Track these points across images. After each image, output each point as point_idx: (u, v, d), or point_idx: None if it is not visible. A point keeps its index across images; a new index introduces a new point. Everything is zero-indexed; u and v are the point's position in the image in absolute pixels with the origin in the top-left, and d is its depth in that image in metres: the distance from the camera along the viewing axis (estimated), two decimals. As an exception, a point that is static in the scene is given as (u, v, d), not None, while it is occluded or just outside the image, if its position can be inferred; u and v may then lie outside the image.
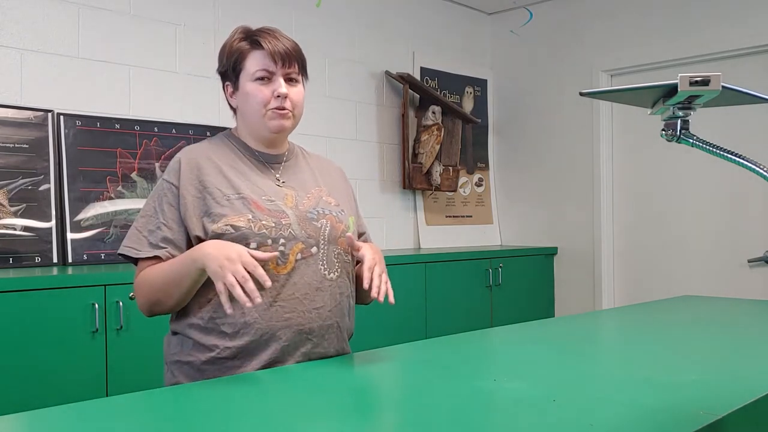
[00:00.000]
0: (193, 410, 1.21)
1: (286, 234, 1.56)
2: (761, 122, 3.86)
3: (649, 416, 1.09)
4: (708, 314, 2.31)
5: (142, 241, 1.57)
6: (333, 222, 1.64)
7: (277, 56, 1.60)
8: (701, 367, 1.47)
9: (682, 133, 1.14)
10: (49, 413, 1.16)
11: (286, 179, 1.68)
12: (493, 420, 1.12)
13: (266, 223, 1.55)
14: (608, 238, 4.47)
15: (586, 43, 4.50)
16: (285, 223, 1.57)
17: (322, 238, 1.61)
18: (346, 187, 1.81)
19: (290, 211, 1.60)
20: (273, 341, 1.53)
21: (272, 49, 1.60)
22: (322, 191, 1.71)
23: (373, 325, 3.45)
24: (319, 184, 1.72)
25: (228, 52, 1.65)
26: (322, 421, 1.12)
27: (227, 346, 1.53)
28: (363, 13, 4.20)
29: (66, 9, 3.02)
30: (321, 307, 1.59)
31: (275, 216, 1.57)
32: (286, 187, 1.66)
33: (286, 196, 1.64)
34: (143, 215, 1.60)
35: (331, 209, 1.67)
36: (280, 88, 1.60)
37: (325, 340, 1.60)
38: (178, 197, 1.58)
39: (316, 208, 1.64)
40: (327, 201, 1.68)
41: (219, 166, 1.62)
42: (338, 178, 1.81)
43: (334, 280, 1.62)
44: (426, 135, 4.42)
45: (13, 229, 2.76)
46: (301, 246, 1.57)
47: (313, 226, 1.61)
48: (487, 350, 1.79)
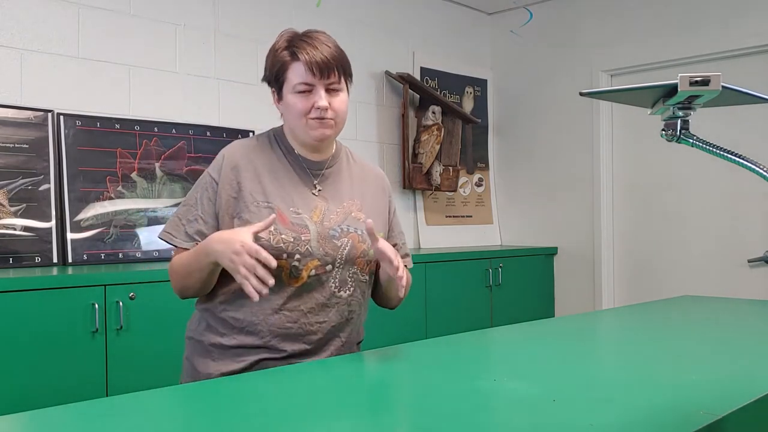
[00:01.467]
0: (193, 410, 1.21)
1: (302, 250, 1.59)
2: (761, 122, 3.86)
3: (649, 416, 1.09)
4: (708, 314, 2.31)
5: (179, 229, 1.64)
6: (355, 241, 1.65)
7: (315, 68, 1.59)
8: (701, 367, 1.47)
9: (682, 133, 1.14)
10: (49, 413, 1.16)
11: (323, 187, 1.69)
12: (493, 420, 1.12)
13: (285, 237, 1.58)
14: (608, 238, 4.47)
15: (586, 43, 4.50)
16: (304, 239, 1.59)
17: (340, 257, 1.63)
18: (382, 199, 1.80)
19: (313, 227, 1.62)
20: (271, 345, 1.59)
21: (310, 59, 1.59)
22: (354, 205, 1.70)
23: (373, 325, 3.45)
24: (353, 196, 1.72)
25: (271, 62, 1.66)
26: (323, 421, 1.12)
27: (233, 337, 1.61)
28: (363, 13, 4.20)
29: (66, 9, 3.02)
30: (324, 322, 1.63)
31: (296, 231, 1.59)
32: (320, 197, 1.67)
33: (315, 209, 1.65)
34: (185, 204, 1.66)
35: (358, 227, 1.67)
36: (320, 101, 1.61)
37: (325, 351, 1.64)
38: (217, 193, 1.63)
39: (342, 225, 1.65)
40: (356, 217, 1.69)
41: (257, 170, 1.64)
42: (376, 188, 1.80)
43: (344, 297, 1.65)
44: (426, 135, 4.42)
45: (13, 229, 2.76)
46: (316, 263, 1.60)
47: (333, 244, 1.62)
48: (487, 350, 1.79)
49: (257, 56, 3.63)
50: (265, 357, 1.60)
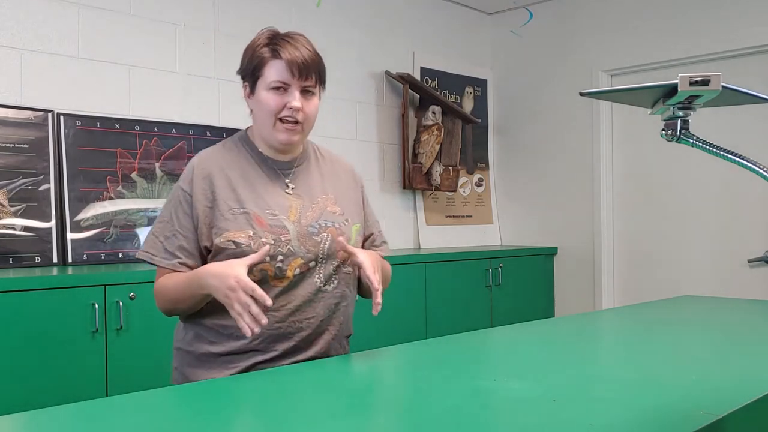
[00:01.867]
0: (193, 410, 1.21)
1: (284, 251, 1.59)
2: (761, 122, 3.86)
3: (649, 416, 1.09)
4: (708, 314, 2.30)
5: (158, 246, 1.62)
6: (334, 235, 1.66)
7: (295, 68, 1.60)
8: (701, 367, 1.47)
9: (682, 133, 1.14)
10: (49, 413, 1.16)
11: (295, 185, 1.69)
12: (493, 420, 1.12)
13: (266, 240, 1.58)
14: (608, 238, 4.47)
15: (586, 43, 4.50)
16: (284, 240, 1.60)
17: (321, 252, 1.64)
18: (354, 190, 1.81)
19: (291, 226, 1.62)
20: (262, 347, 1.59)
21: (290, 59, 1.59)
22: (328, 199, 1.71)
23: (373, 325, 3.45)
24: (326, 191, 1.73)
25: (250, 57, 1.66)
26: (323, 421, 1.12)
27: (222, 344, 1.60)
28: (363, 13, 4.20)
29: (66, 9, 3.02)
30: (312, 318, 1.63)
31: (275, 232, 1.60)
32: (294, 196, 1.67)
33: (291, 208, 1.65)
34: (160, 221, 1.65)
35: (335, 220, 1.68)
36: (294, 101, 1.61)
37: (314, 346, 1.64)
38: (191, 205, 1.61)
39: (319, 220, 1.66)
40: (331, 211, 1.69)
41: (229, 178, 1.64)
42: (347, 181, 1.81)
43: (330, 291, 1.66)
44: (426, 135, 4.42)
45: (13, 229, 2.76)
46: (299, 261, 1.61)
47: (313, 241, 1.63)
48: (487, 350, 1.79)
49: (257, 56, 3.63)
50: (257, 361, 1.59)
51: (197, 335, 1.64)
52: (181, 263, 1.60)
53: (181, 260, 1.60)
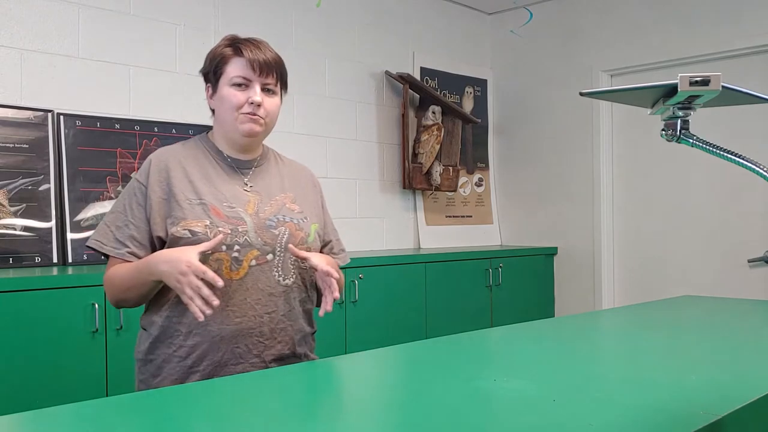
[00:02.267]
0: (193, 410, 1.21)
1: (241, 241, 1.60)
2: (761, 122, 3.86)
3: (649, 416, 1.09)
4: (708, 314, 2.30)
5: (108, 236, 1.65)
6: (293, 229, 1.67)
7: (256, 65, 1.64)
8: (701, 367, 1.47)
9: (682, 133, 1.14)
10: (49, 413, 1.16)
11: (254, 184, 1.71)
12: (493, 420, 1.12)
13: (222, 229, 1.59)
14: (608, 238, 4.47)
15: (586, 43, 4.50)
16: (241, 230, 1.61)
17: (279, 245, 1.65)
18: (314, 194, 1.83)
19: (249, 218, 1.63)
20: (224, 343, 1.60)
21: (252, 57, 1.64)
22: (287, 198, 1.73)
23: (374, 325, 3.45)
24: (285, 190, 1.75)
25: (212, 56, 1.71)
26: (322, 421, 1.12)
27: (182, 345, 1.60)
28: (363, 13, 4.20)
29: (66, 9, 3.02)
30: (273, 312, 1.63)
31: (232, 223, 1.61)
32: (252, 192, 1.69)
33: (249, 202, 1.66)
34: (113, 211, 1.67)
35: (293, 216, 1.70)
36: (255, 96, 1.65)
37: (279, 342, 1.65)
38: (146, 197, 1.63)
39: (277, 215, 1.67)
40: (290, 208, 1.71)
41: (186, 171, 1.66)
42: (307, 185, 1.83)
43: (289, 285, 1.67)
44: (426, 135, 4.42)
45: (13, 229, 2.76)
46: (256, 253, 1.62)
47: (271, 233, 1.64)
48: (487, 350, 1.79)
49: (257, 56, 3.63)
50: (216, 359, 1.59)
51: (158, 340, 1.63)
52: (131, 252, 1.62)
53: (131, 250, 1.62)
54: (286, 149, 3.65)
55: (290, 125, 3.75)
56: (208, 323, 1.58)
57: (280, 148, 1.85)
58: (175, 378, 1.61)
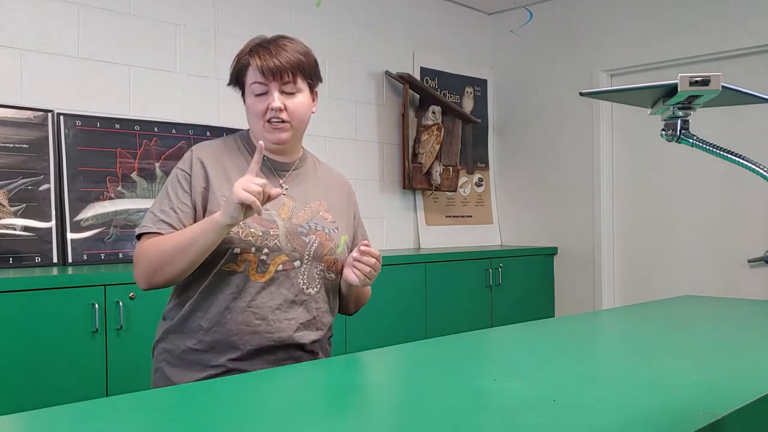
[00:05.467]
0: (193, 410, 1.21)
1: (271, 244, 1.61)
2: (761, 122, 3.86)
3: (649, 416, 1.09)
4: (708, 314, 2.30)
5: (154, 219, 1.63)
6: (323, 239, 1.67)
7: (267, 72, 1.63)
8: (701, 367, 1.47)
9: (682, 133, 1.14)
10: (49, 413, 1.16)
11: (290, 187, 1.71)
12: (493, 420, 1.12)
13: (254, 231, 1.59)
14: (608, 238, 4.47)
15: (586, 43, 4.50)
16: (273, 234, 1.61)
17: (307, 253, 1.65)
18: (347, 204, 1.83)
19: (281, 222, 1.63)
20: (240, 343, 1.60)
21: (261, 64, 1.63)
22: (321, 205, 1.73)
23: (374, 325, 3.45)
24: (320, 197, 1.75)
25: (234, 64, 1.71)
26: (322, 421, 1.12)
27: (202, 339, 1.61)
28: (363, 13, 4.20)
29: (66, 9, 3.02)
30: (293, 319, 1.63)
31: (265, 225, 1.61)
32: (287, 196, 1.69)
33: (284, 206, 1.67)
34: (157, 201, 1.67)
35: (325, 225, 1.70)
36: (274, 102, 1.63)
37: (294, 350, 1.65)
38: (190, 183, 1.65)
39: (310, 222, 1.67)
40: (323, 216, 1.71)
41: (225, 168, 1.66)
42: (342, 194, 1.83)
43: (312, 295, 1.66)
44: (426, 135, 4.42)
45: (13, 229, 2.76)
46: (284, 258, 1.62)
47: (301, 240, 1.64)
48: (487, 350, 1.79)
49: (257, 56, 3.63)
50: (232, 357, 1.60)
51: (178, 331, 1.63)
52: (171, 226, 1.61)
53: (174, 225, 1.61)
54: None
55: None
56: (228, 321, 1.59)
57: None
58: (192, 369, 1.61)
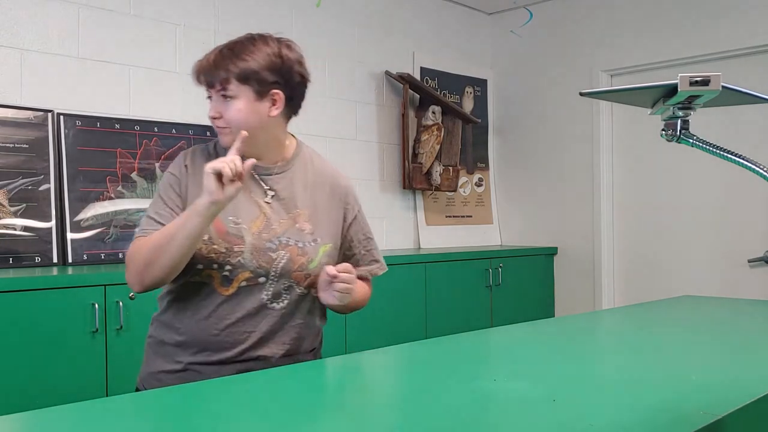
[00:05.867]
0: (193, 410, 1.21)
1: (234, 261, 1.59)
2: (761, 122, 3.86)
3: (649, 416, 1.09)
4: (708, 314, 2.31)
5: (152, 221, 1.63)
6: (294, 254, 1.62)
7: (200, 78, 1.64)
8: (701, 367, 1.47)
9: (682, 133, 1.14)
10: (49, 413, 1.16)
11: (275, 192, 1.66)
12: (493, 420, 1.12)
13: (217, 247, 1.58)
14: (608, 238, 4.47)
15: (586, 43, 4.50)
16: (237, 250, 1.59)
17: (274, 270, 1.61)
18: (336, 208, 1.72)
19: (249, 238, 1.60)
20: (200, 350, 1.62)
21: (195, 71, 1.65)
22: (302, 215, 1.66)
23: (374, 325, 3.45)
24: (304, 205, 1.67)
25: None
26: (322, 421, 1.12)
27: (175, 338, 1.65)
28: (363, 13, 4.20)
29: (66, 9, 3.02)
30: (253, 332, 1.61)
31: (230, 241, 1.59)
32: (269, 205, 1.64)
33: (257, 218, 1.62)
34: (152, 205, 1.67)
35: (300, 238, 1.63)
36: (210, 111, 1.63)
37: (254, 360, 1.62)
38: (180, 186, 1.64)
39: (282, 237, 1.62)
40: (300, 228, 1.65)
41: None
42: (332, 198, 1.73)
43: (278, 309, 1.62)
44: (426, 135, 4.42)
45: (13, 229, 2.76)
46: (248, 274, 1.60)
47: (268, 257, 1.60)
48: (487, 350, 1.79)
49: (257, 56, 3.63)
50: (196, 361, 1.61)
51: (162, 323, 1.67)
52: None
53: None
54: (286, 149, 3.65)
55: (290, 125, 3.74)
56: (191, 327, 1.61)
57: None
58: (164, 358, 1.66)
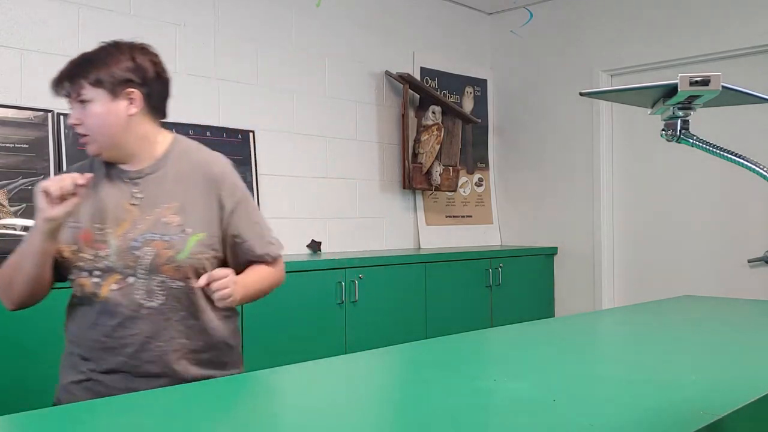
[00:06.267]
0: (194, 410, 1.21)
1: (101, 266, 1.60)
2: (761, 122, 3.86)
3: (649, 416, 1.09)
4: (708, 314, 2.31)
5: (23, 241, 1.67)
6: (160, 249, 1.59)
7: (58, 90, 1.65)
8: (701, 367, 1.47)
9: (682, 133, 1.14)
10: (49, 413, 1.16)
11: (143, 194, 1.64)
12: (493, 420, 1.12)
13: (84, 255, 1.60)
14: (608, 238, 4.47)
15: (586, 43, 4.50)
16: (102, 255, 1.60)
17: (142, 267, 1.59)
18: (208, 196, 1.67)
19: (114, 241, 1.60)
20: (93, 359, 1.63)
21: (53, 83, 1.64)
22: (170, 209, 1.63)
23: (374, 325, 3.45)
24: (173, 198, 1.64)
25: None
26: (323, 422, 1.12)
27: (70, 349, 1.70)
28: (363, 13, 4.20)
29: (66, 9, 3.02)
30: (137, 334, 1.60)
31: (96, 248, 1.60)
32: (136, 207, 1.63)
33: (123, 221, 1.61)
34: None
35: (167, 232, 1.60)
36: (70, 119, 1.63)
37: (147, 362, 1.60)
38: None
39: (146, 234, 1.59)
40: (167, 222, 1.61)
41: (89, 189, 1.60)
42: (203, 187, 1.67)
43: (156, 307, 1.60)
44: (426, 135, 4.42)
45: (13, 229, 2.76)
46: (117, 277, 1.60)
47: (134, 255, 1.59)
48: (487, 350, 1.79)
49: (257, 56, 3.63)
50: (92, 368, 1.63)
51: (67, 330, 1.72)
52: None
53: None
54: (285, 149, 3.67)
55: (290, 125, 3.75)
56: (79, 337, 1.65)
57: (280, 147, 1.83)
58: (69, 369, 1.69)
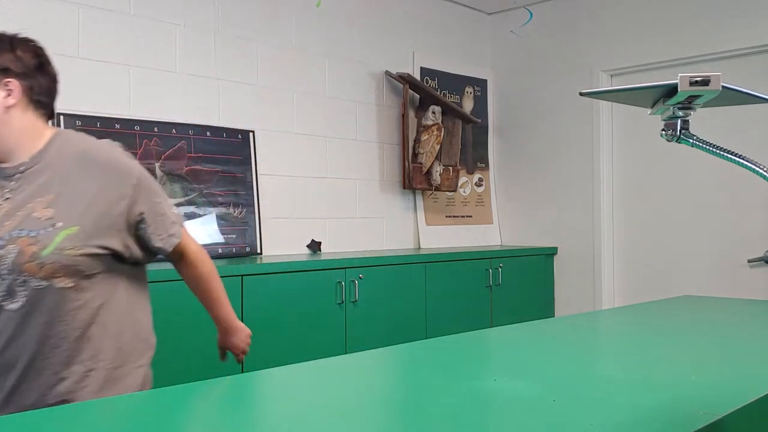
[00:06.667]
0: (194, 410, 1.21)
1: None
2: (761, 122, 3.86)
3: (649, 416, 1.09)
4: (708, 314, 2.31)
5: None
6: (23, 246, 1.50)
7: None
8: (701, 367, 1.47)
9: (682, 133, 1.14)
10: (49, 413, 1.16)
11: (16, 191, 1.58)
12: (493, 420, 1.12)
13: None
14: (608, 238, 4.47)
15: (586, 43, 4.50)
16: None
17: (4, 266, 1.51)
18: (87, 184, 1.60)
19: None
20: None
21: None
22: (42, 202, 1.55)
23: (374, 325, 3.45)
24: (48, 191, 1.57)
25: None
26: (323, 422, 1.12)
27: None
28: (363, 13, 4.20)
29: (66, 9, 3.02)
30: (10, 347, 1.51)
31: None
32: (6, 205, 1.57)
33: None
34: None
35: (35, 226, 1.52)
36: None
37: (13, 370, 1.52)
38: None
39: (13, 231, 1.52)
40: (36, 217, 1.53)
41: None
42: (81, 175, 1.61)
43: (16, 310, 1.50)
44: (426, 135, 4.42)
45: (13, 229, 2.76)
46: None
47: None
48: (487, 350, 1.79)
49: (257, 56, 3.63)
50: None
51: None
52: None
53: None
54: (286, 149, 3.67)
55: (290, 125, 3.75)
56: None
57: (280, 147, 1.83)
58: None
